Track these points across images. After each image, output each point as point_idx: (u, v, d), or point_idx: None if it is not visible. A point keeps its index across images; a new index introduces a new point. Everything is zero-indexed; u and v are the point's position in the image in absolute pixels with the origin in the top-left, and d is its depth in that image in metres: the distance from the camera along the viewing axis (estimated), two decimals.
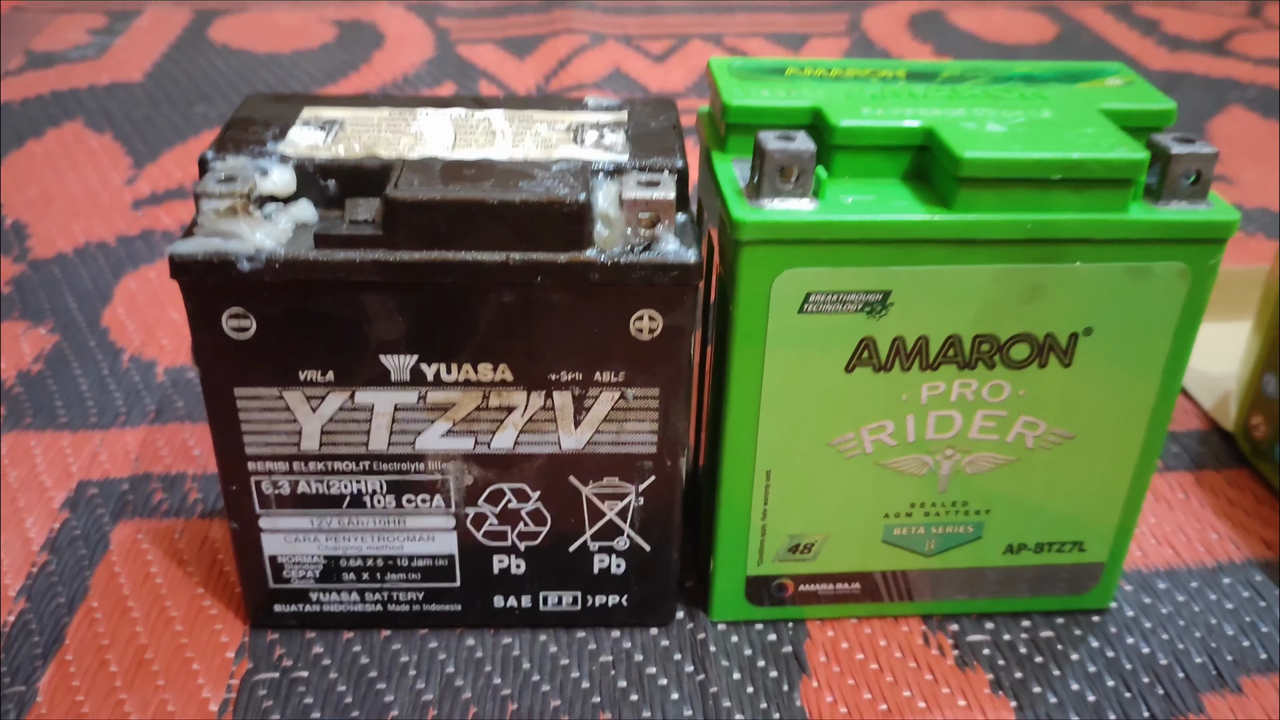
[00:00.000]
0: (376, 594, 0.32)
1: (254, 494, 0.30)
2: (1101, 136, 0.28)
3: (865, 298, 0.28)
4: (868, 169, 0.29)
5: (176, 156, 0.62)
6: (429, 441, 0.30)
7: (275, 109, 0.31)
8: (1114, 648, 0.33)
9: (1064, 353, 0.29)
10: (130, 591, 0.34)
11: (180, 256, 0.27)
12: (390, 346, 0.28)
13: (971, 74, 0.32)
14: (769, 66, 0.32)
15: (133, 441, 0.40)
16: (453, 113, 0.31)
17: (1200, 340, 0.31)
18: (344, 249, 0.27)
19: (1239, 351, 0.42)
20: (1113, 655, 0.33)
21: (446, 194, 0.27)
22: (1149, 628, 0.34)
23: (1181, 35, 0.82)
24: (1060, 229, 0.28)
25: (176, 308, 0.48)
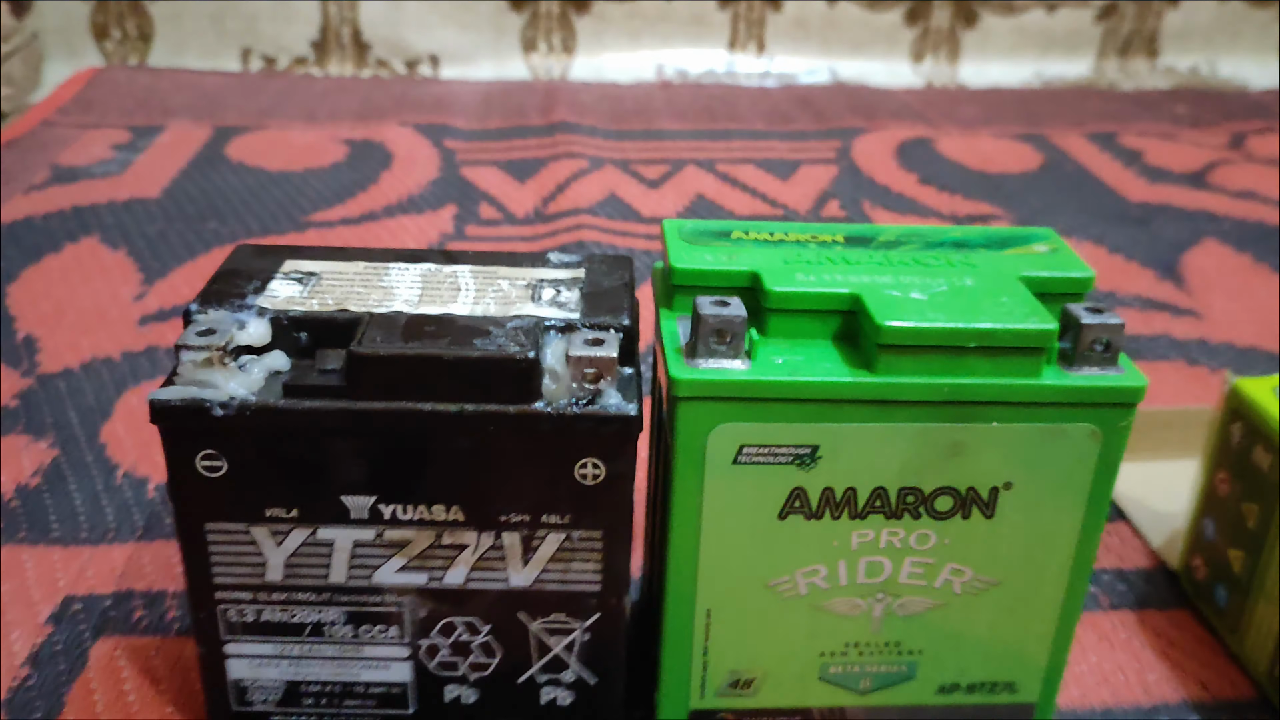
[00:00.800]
0: (334, 719, 0.34)
1: (220, 621, 0.32)
2: (1016, 305, 0.30)
3: (795, 451, 0.30)
4: (800, 330, 0.31)
5: (185, 273, 0.65)
6: (385, 576, 0.32)
7: (259, 261, 0.34)
8: None
9: (986, 505, 0.31)
10: (103, 709, 0.36)
11: (159, 403, 0.29)
12: (351, 487, 0.30)
13: (906, 239, 0.34)
14: (717, 229, 0.34)
15: (119, 557, 0.42)
16: (423, 268, 0.34)
17: (1153, 478, 0.32)
18: (310, 398, 0.29)
19: (1187, 490, 0.44)
20: None
21: (406, 350, 0.29)
22: None
23: (1163, 167, 0.85)
24: (976, 392, 0.30)
25: None
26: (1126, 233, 0.74)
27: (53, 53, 1.05)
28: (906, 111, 0.97)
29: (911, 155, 0.86)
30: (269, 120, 0.91)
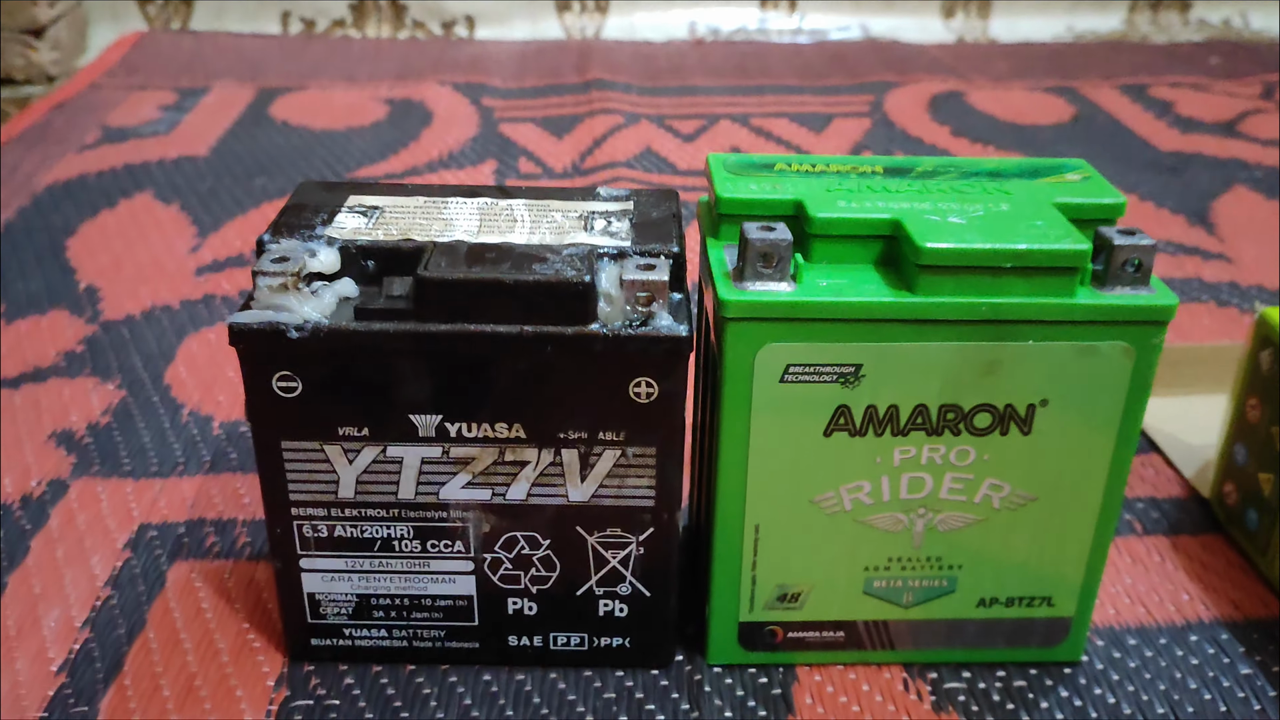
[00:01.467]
0: (403, 631, 0.36)
1: (296, 536, 0.34)
2: (1050, 228, 0.31)
3: (839, 370, 0.32)
4: (842, 255, 0.32)
5: (237, 227, 0.67)
6: (451, 492, 0.33)
7: (324, 196, 0.35)
8: (1082, 698, 0.36)
9: (1023, 421, 0.33)
10: (183, 625, 0.38)
11: (238, 326, 0.31)
12: (418, 406, 0.32)
13: (942, 170, 0.36)
14: (760, 162, 0.36)
15: (189, 489, 0.44)
16: (480, 202, 0.35)
17: (1185, 412, 0.33)
18: (380, 321, 0.31)
19: (1218, 424, 0.45)
20: (1080, 705, 0.35)
21: (470, 274, 0.31)
22: (1116, 680, 0.36)
23: (1194, 117, 0.86)
24: (1013, 311, 0.31)
25: (233, 367, 0.52)
26: (1158, 181, 0.75)
27: (97, 18, 1.07)
28: (938, 66, 0.97)
29: (944, 108, 0.87)
30: (310, 81, 0.92)
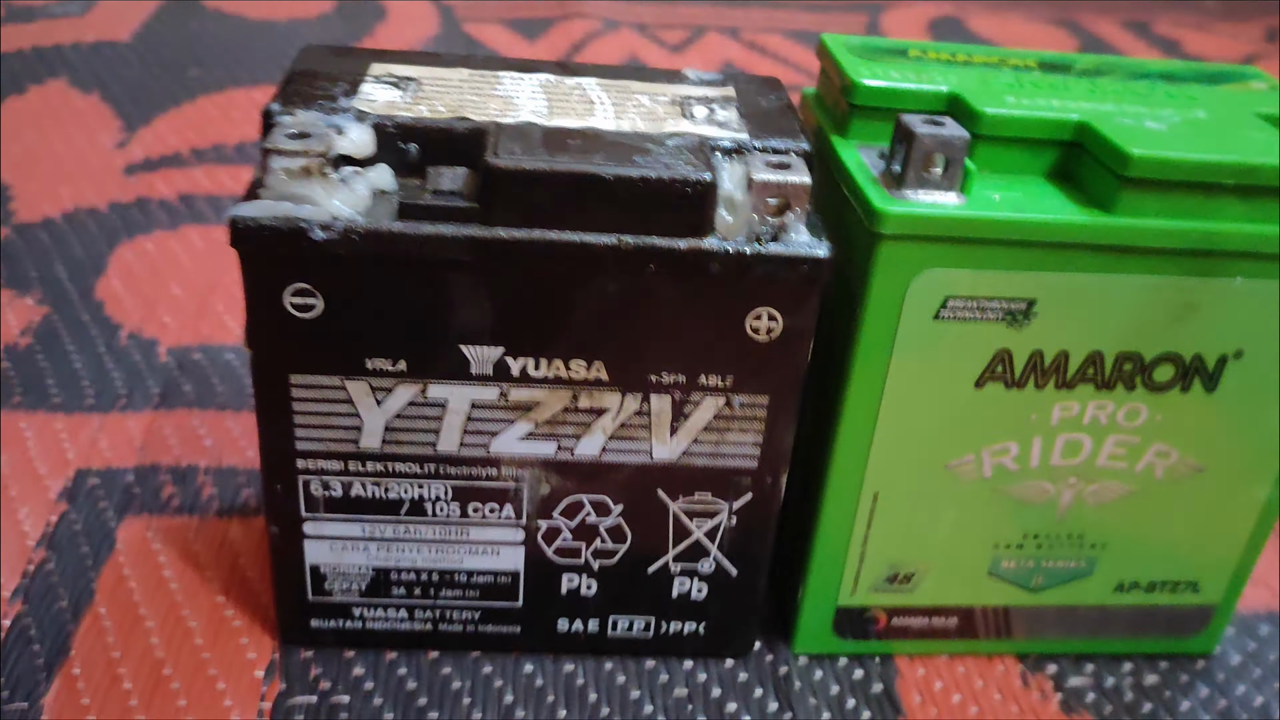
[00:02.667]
0: (428, 612, 0.29)
1: (301, 495, 0.27)
2: (1270, 142, 0.25)
3: (1008, 305, 0.25)
4: (1010, 164, 0.26)
5: (171, 121, 0.57)
6: (506, 445, 0.26)
7: (339, 63, 0.28)
8: (1225, 696, 0.30)
9: (1209, 377, 0.27)
10: (141, 597, 0.30)
11: (244, 220, 0.23)
12: (473, 336, 0.25)
13: (1107, 68, 0.29)
14: (891, 47, 0.29)
15: (136, 428, 0.36)
16: (540, 78, 0.28)
17: None
18: (433, 222, 0.24)
19: None
20: (1225, 705, 0.30)
21: (554, 165, 0.23)
22: (1259, 676, 0.31)
23: (1202, 56, 0.81)
24: (1226, 240, 0.25)
25: (179, 283, 0.44)
26: None
27: None
28: None
29: (944, 32, 0.81)
30: None
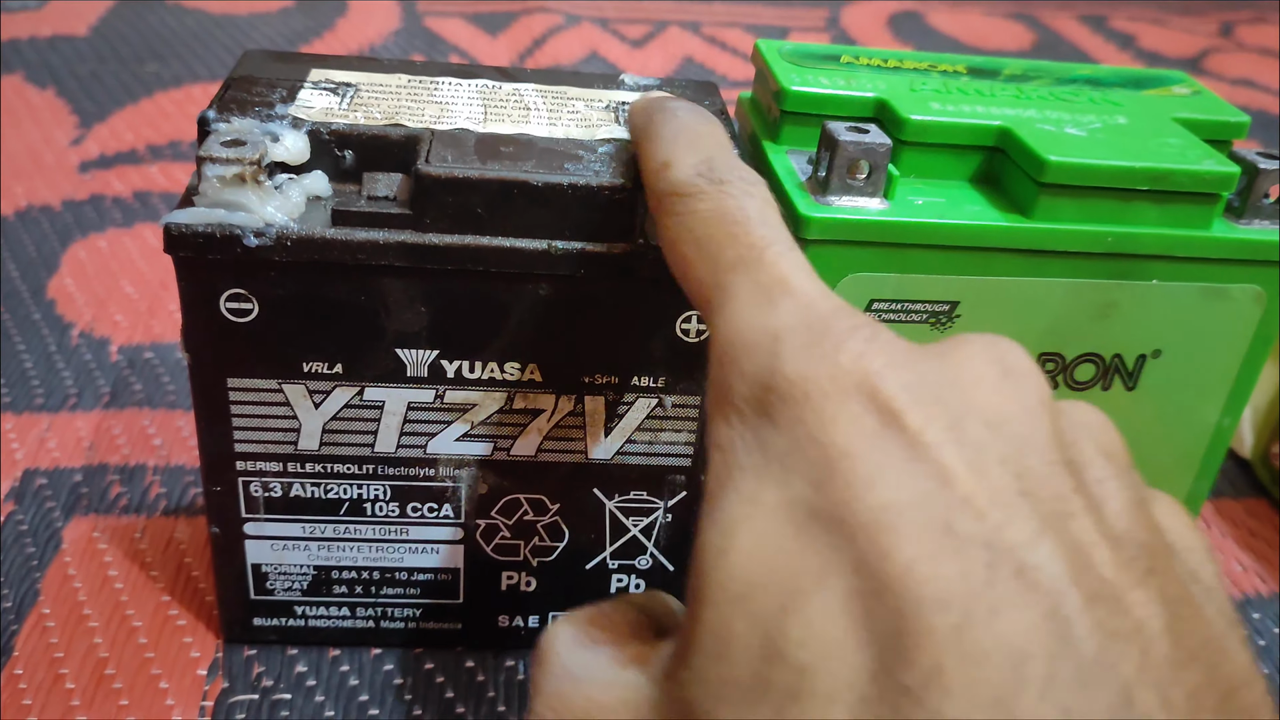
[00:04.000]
0: (369, 609, 0.29)
1: (240, 496, 0.27)
2: (1187, 147, 0.26)
3: (931, 308, 0.26)
4: (934, 169, 0.27)
5: (127, 117, 0.57)
6: (443, 445, 0.27)
7: (279, 68, 0.28)
8: None
9: (1129, 375, 0.28)
10: (87, 597, 0.30)
11: (178, 228, 0.23)
12: (408, 339, 0.25)
13: (1034, 73, 0.30)
14: (823, 52, 0.29)
15: (85, 427, 0.37)
16: (478, 84, 0.28)
17: None
18: (366, 228, 0.24)
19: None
20: None
21: (485, 172, 0.24)
22: None
23: (1157, 51, 0.82)
24: (1141, 243, 0.26)
25: (132, 281, 0.44)
26: None
27: None
28: None
29: (904, 27, 0.81)
30: None
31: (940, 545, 0.15)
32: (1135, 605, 0.15)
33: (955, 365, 0.18)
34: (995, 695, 0.14)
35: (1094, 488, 0.17)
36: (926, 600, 0.15)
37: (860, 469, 0.16)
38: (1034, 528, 0.15)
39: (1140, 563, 0.16)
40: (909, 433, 0.16)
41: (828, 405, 0.17)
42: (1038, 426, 0.17)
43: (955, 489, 0.16)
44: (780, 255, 0.19)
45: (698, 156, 0.21)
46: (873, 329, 0.18)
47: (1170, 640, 0.15)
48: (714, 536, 0.17)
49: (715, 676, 0.16)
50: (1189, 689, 0.15)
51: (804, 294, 0.18)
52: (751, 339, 0.18)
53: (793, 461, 0.16)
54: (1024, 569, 0.15)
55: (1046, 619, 0.15)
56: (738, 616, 0.16)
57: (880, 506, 0.16)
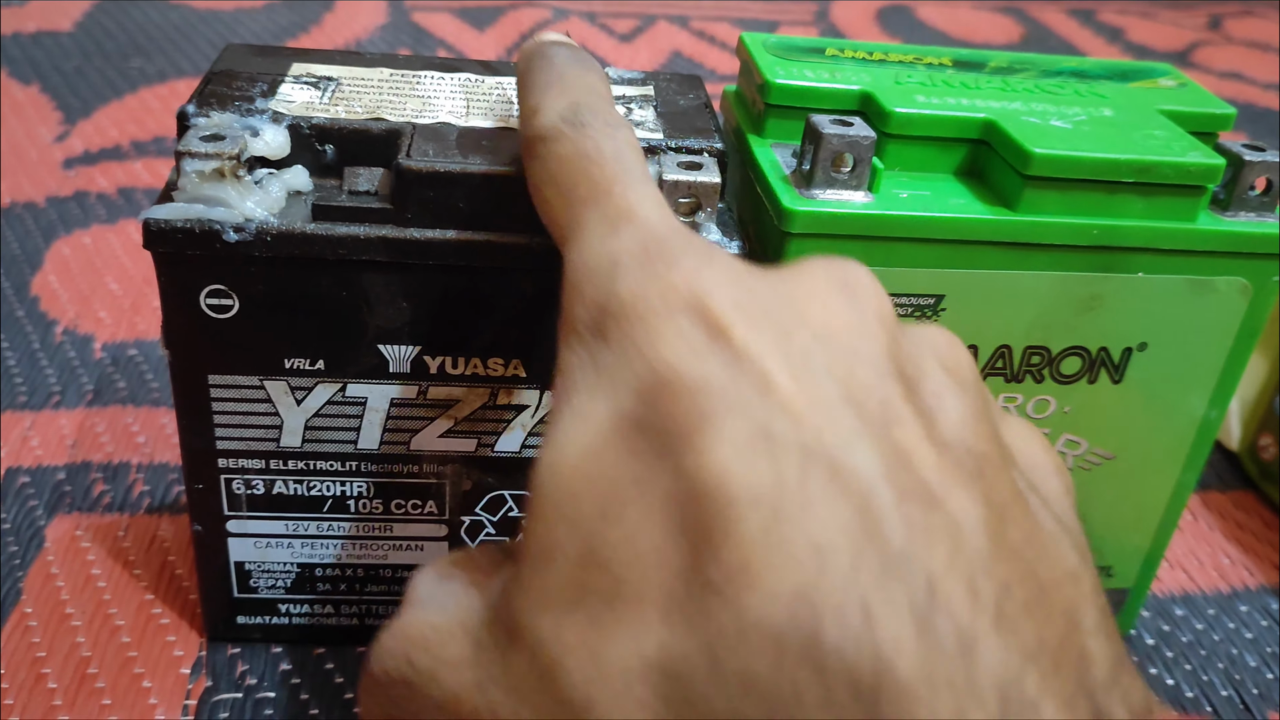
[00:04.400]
0: (353, 607, 0.29)
1: (223, 494, 0.27)
2: (1172, 140, 0.26)
3: (916, 301, 0.26)
4: (920, 161, 0.27)
5: (112, 113, 0.57)
6: (426, 441, 0.27)
7: (261, 62, 0.28)
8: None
9: (1115, 368, 0.28)
10: (70, 596, 0.30)
11: (157, 223, 0.23)
12: (391, 335, 0.25)
13: (1020, 66, 0.30)
14: (808, 45, 0.29)
15: (69, 425, 0.36)
16: (461, 77, 0.28)
17: None
18: (346, 223, 0.24)
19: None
20: None
21: (466, 166, 0.24)
22: (1171, 658, 0.32)
23: (1146, 44, 0.82)
24: (1126, 236, 0.26)
25: (116, 277, 0.44)
26: None
27: None
28: None
29: (893, 21, 0.81)
30: None
31: (756, 449, 0.15)
32: (952, 504, 0.16)
33: (791, 284, 0.18)
34: (797, 587, 0.14)
35: (928, 399, 0.17)
36: (738, 500, 0.15)
37: (684, 381, 0.16)
38: (852, 431, 0.16)
39: (966, 467, 0.17)
40: (734, 345, 0.16)
41: (657, 321, 0.17)
42: (870, 339, 0.18)
43: (775, 396, 0.16)
44: (628, 188, 0.20)
45: (564, 102, 0.22)
46: (709, 250, 0.18)
47: (987, 537, 0.16)
48: (547, 453, 0.17)
49: (538, 585, 0.16)
50: (1001, 581, 0.15)
51: (646, 221, 0.19)
52: (593, 264, 0.18)
53: (622, 377, 0.17)
54: (838, 470, 0.15)
55: (856, 515, 0.15)
56: (561, 526, 0.16)
57: (700, 414, 0.16)
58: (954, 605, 0.15)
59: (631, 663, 0.15)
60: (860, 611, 0.14)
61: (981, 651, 0.14)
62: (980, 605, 0.15)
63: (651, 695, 0.15)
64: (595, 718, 0.15)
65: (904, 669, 0.14)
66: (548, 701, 0.16)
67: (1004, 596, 0.15)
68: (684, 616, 0.15)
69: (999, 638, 0.14)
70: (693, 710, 0.15)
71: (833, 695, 0.14)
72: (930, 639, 0.14)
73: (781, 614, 0.14)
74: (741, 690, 0.14)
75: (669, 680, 0.15)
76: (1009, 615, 0.15)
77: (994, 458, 0.17)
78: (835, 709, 0.14)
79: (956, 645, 0.14)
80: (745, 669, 0.14)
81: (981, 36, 0.81)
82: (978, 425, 0.18)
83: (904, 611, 0.14)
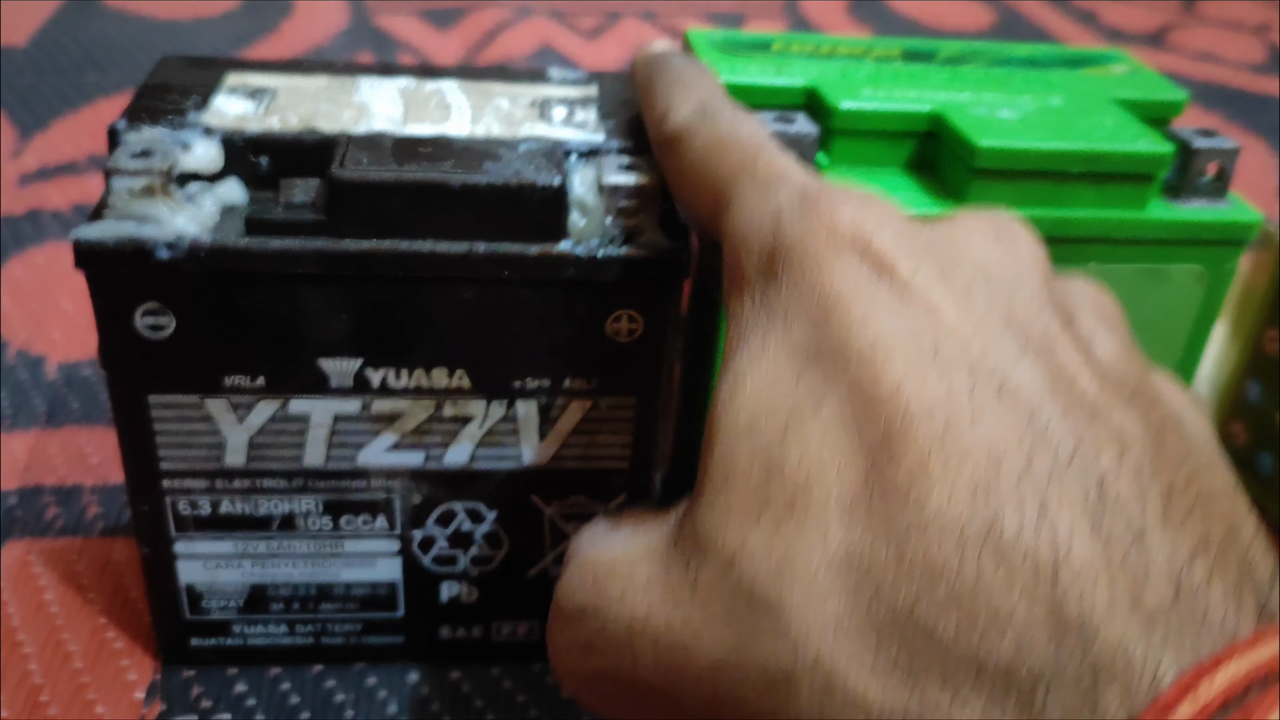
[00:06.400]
0: (308, 626, 0.29)
1: (169, 515, 0.26)
2: (1121, 127, 0.26)
3: None
4: (868, 156, 0.26)
5: (67, 128, 0.56)
6: (372, 456, 0.26)
7: (195, 74, 0.27)
8: None
9: None
10: (21, 623, 0.30)
11: (87, 243, 0.23)
12: (331, 349, 0.25)
13: (971, 55, 0.30)
14: (754, 41, 0.29)
15: (20, 448, 0.36)
16: (400, 82, 0.28)
17: None
18: (280, 236, 0.23)
19: (1210, 352, 0.41)
20: None
21: (401, 175, 0.23)
22: None
23: (1119, 28, 0.82)
24: (1077, 227, 0.25)
25: (69, 297, 0.43)
26: None
27: None
28: None
29: (864, 11, 0.81)
30: None
31: (927, 367, 0.17)
32: (1115, 418, 0.17)
33: (951, 227, 0.20)
34: (974, 485, 0.16)
35: (1084, 332, 0.19)
36: (913, 412, 0.16)
37: (854, 310, 0.18)
38: (1016, 352, 0.17)
39: (1124, 389, 0.18)
40: (900, 278, 0.18)
41: (824, 258, 0.18)
42: (1027, 277, 0.19)
43: (942, 321, 0.17)
44: (773, 156, 0.21)
45: (693, 101, 0.23)
46: (866, 196, 0.19)
47: (1150, 447, 0.17)
48: (724, 389, 0.18)
49: (722, 503, 0.18)
50: (1166, 484, 0.16)
51: (798, 177, 0.20)
52: (756, 220, 0.20)
53: (794, 311, 0.18)
54: (1005, 385, 0.17)
55: (1025, 424, 0.16)
56: (742, 446, 0.18)
57: (872, 339, 0.17)
58: (1123, 501, 0.16)
59: (817, 559, 0.16)
60: (1037, 504, 0.15)
61: (1151, 541, 0.15)
62: (1148, 502, 0.16)
63: (840, 587, 0.16)
64: (786, 612, 0.16)
65: (1081, 554, 0.15)
66: (740, 604, 0.17)
67: (1169, 497, 0.16)
68: (867, 515, 0.16)
69: (1167, 531, 0.15)
70: (880, 599, 0.16)
71: (1015, 576, 0.15)
72: (1104, 529, 0.15)
73: (962, 507, 0.16)
74: (927, 577, 0.15)
75: (856, 573, 0.16)
76: (1175, 512, 0.16)
77: (1147, 389, 0.18)
78: (1019, 589, 0.15)
79: (1128, 535, 0.15)
80: (929, 557, 0.15)
81: (953, 24, 0.80)
82: (1130, 359, 0.19)
83: (1077, 505, 0.15)
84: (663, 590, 0.18)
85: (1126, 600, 0.15)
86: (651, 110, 0.24)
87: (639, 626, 0.18)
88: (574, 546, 0.21)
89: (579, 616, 0.20)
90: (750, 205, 0.20)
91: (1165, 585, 0.15)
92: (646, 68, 0.26)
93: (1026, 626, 0.15)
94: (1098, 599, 0.15)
